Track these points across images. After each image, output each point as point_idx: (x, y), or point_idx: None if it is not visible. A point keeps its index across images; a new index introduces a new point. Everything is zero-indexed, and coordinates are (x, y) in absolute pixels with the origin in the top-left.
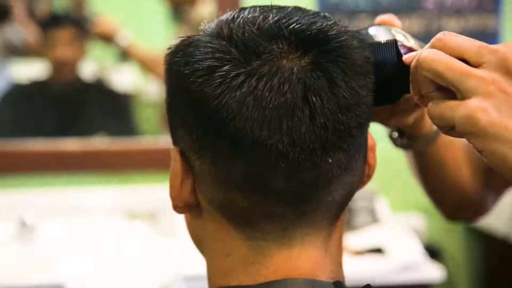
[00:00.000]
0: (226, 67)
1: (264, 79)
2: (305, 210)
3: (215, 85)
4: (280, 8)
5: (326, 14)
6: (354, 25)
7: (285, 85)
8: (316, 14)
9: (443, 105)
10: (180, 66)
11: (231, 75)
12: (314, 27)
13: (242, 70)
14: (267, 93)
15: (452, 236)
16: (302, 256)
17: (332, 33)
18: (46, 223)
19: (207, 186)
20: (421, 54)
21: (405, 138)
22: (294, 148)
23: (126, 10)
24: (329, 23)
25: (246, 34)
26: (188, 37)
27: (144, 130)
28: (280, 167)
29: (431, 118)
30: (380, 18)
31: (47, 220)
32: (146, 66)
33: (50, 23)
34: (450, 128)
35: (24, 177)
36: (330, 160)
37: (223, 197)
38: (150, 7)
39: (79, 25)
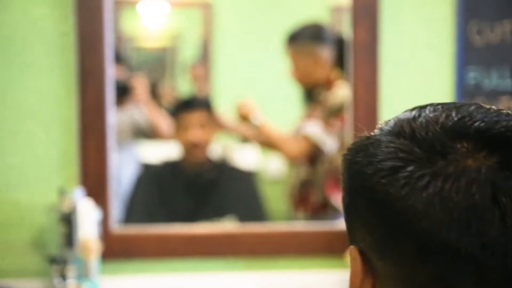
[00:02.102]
0: (410, 168)
1: (450, 180)
2: None
3: (399, 186)
4: (461, 106)
5: (509, 111)
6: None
7: (473, 186)
8: (498, 111)
9: None
10: (363, 167)
11: (416, 175)
12: (499, 125)
13: (427, 170)
14: (454, 194)
15: None
16: None
17: None
18: None
19: (390, 287)
20: None
21: None
22: (484, 252)
23: (256, 90)
24: None
25: (429, 134)
26: (367, 137)
27: (269, 208)
28: (468, 270)
29: None
30: None
31: None
32: (274, 144)
33: (182, 107)
34: None
35: (159, 262)
36: None
37: None
38: (280, 87)
39: (209, 108)
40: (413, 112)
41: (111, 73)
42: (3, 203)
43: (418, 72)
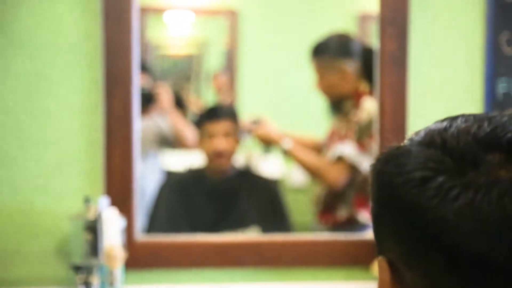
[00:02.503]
0: (440, 178)
1: (481, 191)
2: None
3: (429, 196)
4: (493, 117)
5: None
6: None
7: (505, 197)
8: None
9: None
10: (392, 177)
11: (446, 186)
12: None
13: (458, 181)
14: (485, 206)
15: None
16: None
17: None
18: None
19: None
20: None
21: None
22: None
23: (281, 100)
24: None
25: (461, 144)
26: (397, 147)
27: (293, 217)
28: (499, 281)
29: None
30: None
31: None
32: (307, 169)
33: (207, 116)
34: None
35: (182, 271)
36: None
37: None
38: (306, 98)
39: (234, 118)
40: (444, 123)
41: (138, 81)
42: (29, 211)
43: (447, 82)
